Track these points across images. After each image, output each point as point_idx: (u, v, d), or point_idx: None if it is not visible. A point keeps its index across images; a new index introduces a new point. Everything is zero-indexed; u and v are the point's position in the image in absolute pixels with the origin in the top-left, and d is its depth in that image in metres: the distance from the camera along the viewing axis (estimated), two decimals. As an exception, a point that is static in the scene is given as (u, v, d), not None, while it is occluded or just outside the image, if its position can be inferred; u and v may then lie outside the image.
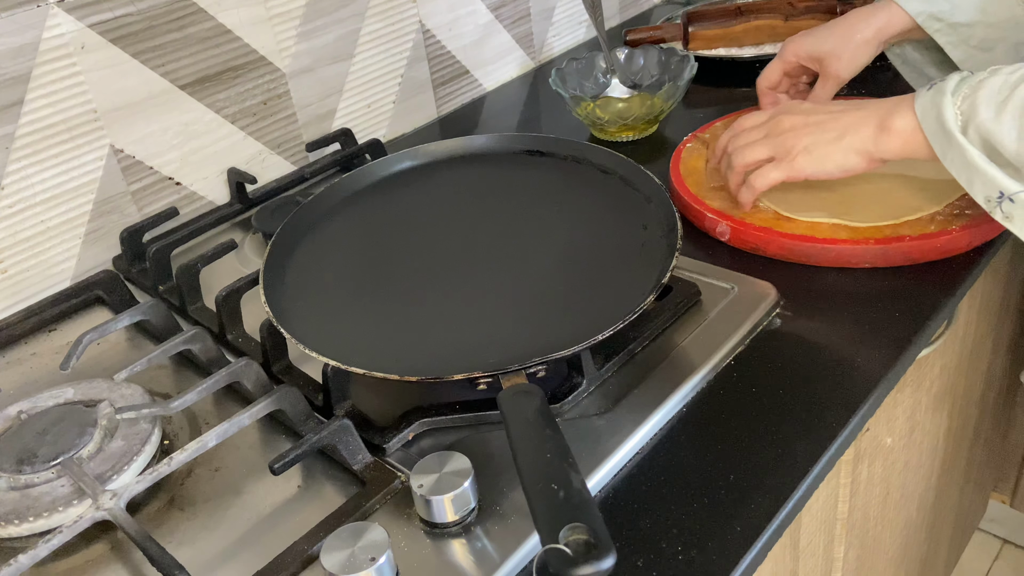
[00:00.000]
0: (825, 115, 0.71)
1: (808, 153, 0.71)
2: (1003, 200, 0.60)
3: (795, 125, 0.73)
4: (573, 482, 0.47)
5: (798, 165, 0.71)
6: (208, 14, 0.89)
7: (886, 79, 1.10)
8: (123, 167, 0.87)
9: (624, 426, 0.60)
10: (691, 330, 0.68)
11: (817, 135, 0.71)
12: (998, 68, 0.61)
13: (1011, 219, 0.60)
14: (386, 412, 0.63)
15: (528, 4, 1.24)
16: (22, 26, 0.77)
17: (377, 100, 1.09)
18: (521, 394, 0.54)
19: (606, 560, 0.42)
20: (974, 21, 0.70)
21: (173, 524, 0.57)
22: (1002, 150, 0.59)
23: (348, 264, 0.73)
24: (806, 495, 0.56)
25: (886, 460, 0.81)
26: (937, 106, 0.62)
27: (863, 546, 0.85)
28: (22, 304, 0.82)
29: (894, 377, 0.65)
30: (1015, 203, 0.59)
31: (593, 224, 0.73)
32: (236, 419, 0.59)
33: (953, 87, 0.62)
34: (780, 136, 0.73)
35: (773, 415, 0.61)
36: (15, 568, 0.51)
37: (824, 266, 0.75)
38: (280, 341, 0.68)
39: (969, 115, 0.60)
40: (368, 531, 0.50)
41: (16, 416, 0.64)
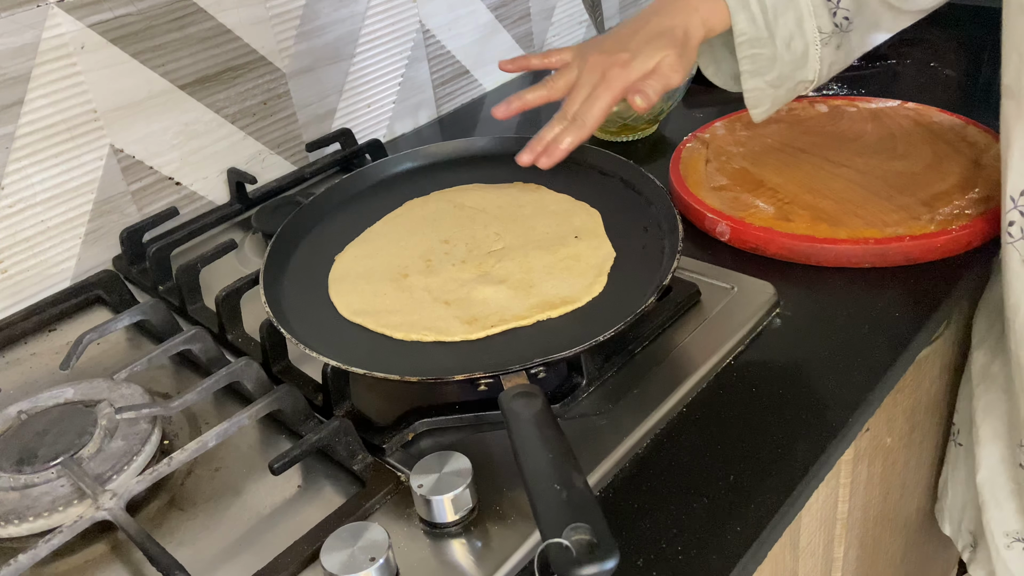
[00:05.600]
0: (630, 30, 0.69)
1: (635, 52, 0.67)
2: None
3: (608, 42, 0.70)
4: (575, 482, 0.47)
5: (631, 68, 0.67)
6: (208, 14, 0.89)
7: (886, 79, 1.10)
8: (123, 167, 0.87)
9: (624, 426, 0.60)
10: (691, 330, 0.68)
11: (632, 41, 0.68)
12: None
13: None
14: (386, 412, 0.63)
15: (528, 4, 1.24)
16: (22, 26, 0.77)
17: (377, 100, 1.09)
18: (523, 394, 0.54)
19: (609, 560, 0.42)
20: (777, 56, 0.71)
21: (173, 524, 0.57)
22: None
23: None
24: (806, 495, 0.56)
25: (886, 460, 0.81)
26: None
27: (863, 546, 0.85)
28: (22, 304, 0.82)
29: (894, 377, 0.65)
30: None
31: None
32: (236, 419, 0.59)
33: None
34: (599, 57, 0.69)
35: (773, 415, 0.61)
36: (15, 568, 0.51)
37: (824, 266, 0.75)
38: (280, 341, 0.68)
39: None
40: (368, 531, 0.50)
41: (16, 416, 0.64)
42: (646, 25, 0.68)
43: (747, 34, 0.70)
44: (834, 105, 0.97)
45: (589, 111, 0.67)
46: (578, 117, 0.68)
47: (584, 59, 0.70)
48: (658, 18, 0.69)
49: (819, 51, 0.72)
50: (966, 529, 0.84)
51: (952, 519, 0.87)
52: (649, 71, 0.66)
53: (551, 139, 0.69)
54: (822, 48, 0.72)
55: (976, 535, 0.82)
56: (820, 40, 0.71)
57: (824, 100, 0.99)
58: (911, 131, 0.90)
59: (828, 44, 0.72)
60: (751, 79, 0.72)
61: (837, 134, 0.92)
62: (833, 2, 0.71)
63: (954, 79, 1.07)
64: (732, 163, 0.89)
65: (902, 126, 0.91)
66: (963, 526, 0.84)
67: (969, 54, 1.13)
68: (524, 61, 0.75)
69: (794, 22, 0.70)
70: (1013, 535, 0.74)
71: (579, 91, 0.68)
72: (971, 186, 0.79)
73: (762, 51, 0.71)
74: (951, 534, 0.87)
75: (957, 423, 0.86)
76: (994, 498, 0.75)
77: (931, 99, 0.95)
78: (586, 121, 0.67)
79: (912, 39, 1.19)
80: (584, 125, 0.67)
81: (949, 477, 0.87)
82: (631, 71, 0.66)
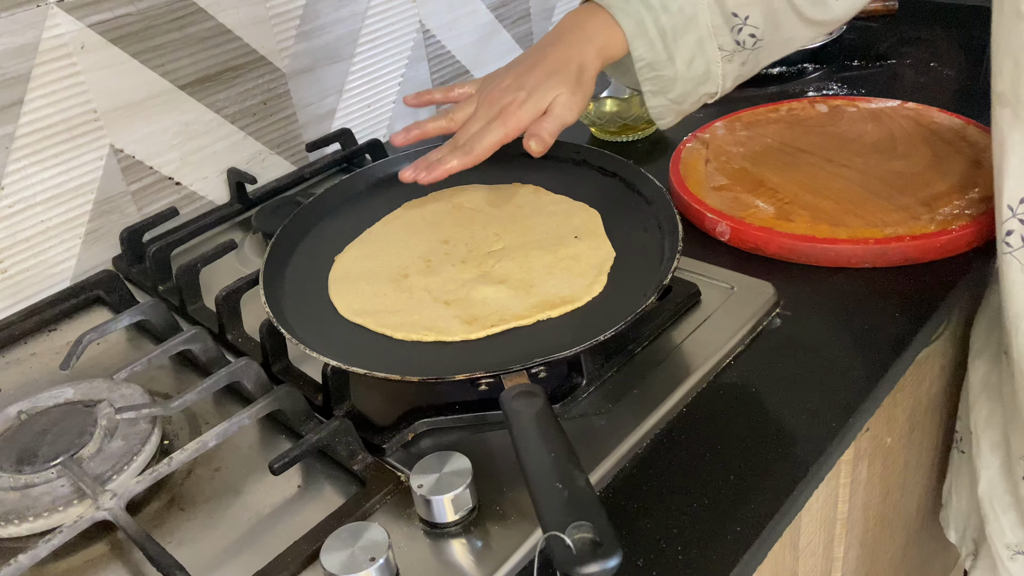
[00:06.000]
0: (527, 65, 0.69)
1: (530, 92, 0.67)
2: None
3: (507, 78, 0.69)
4: (578, 481, 0.47)
5: (524, 108, 0.67)
6: (208, 14, 0.89)
7: (886, 79, 1.10)
8: (123, 167, 0.87)
9: (624, 426, 0.60)
10: (691, 330, 0.68)
11: (528, 78, 0.68)
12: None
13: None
14: (386, 412, 0.63)
15: (528, 4, 1.24)
16: (22, 26, 0.77)
17: (377, 100, 1.09)
18: (524, 394, 0.54)
19: (612, 559, 0.42)
20: (678, 76, 0.71)
21: (173, 524, 0.57)
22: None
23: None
24: (806, 495, 0.56)
25: (886, 460, 0.81)
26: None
27: (863, 546, 0.85)
28: (22, 304, 0.82)
29: (894, 377, 0.65)
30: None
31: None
32: (236, 419, 0.59)
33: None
34: (497, 94, 0.69)
35: (773, 415, 0.61)
36: (15, 568, 0.51)
37: (824, 266, 0.75)
38: (280, 341, 0.68)
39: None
40: (368, 531, 0.50)
41: (16, 416, 0.64)
42: (543, 60, 0.69)
43: (646, 59, 0.70)
44: (834, 105, 0.97)
45: (479, 142, 0.67)
46: (467, 145, 0.68)
47: (482, 92, 0.71)
48: (554, 50, 0.69)
49: (721, 68, 0.72)
50: (970, 537, 0.84)
51: (957, 527, 0.87)
52: (543, 111, 0.67)
53: (436, 159, 0.69)
54: (724, 65, 0.72)
55: (978, 543, 0.82)
56: (722, 58, 0.72)
57: (824, 100, 0.99)
58: (911, 131, 0.90)
59: (731, 61, 0.72)
60: (653, 98, 0.73)
61: (837, 134, 0.92)
62: (739, 19, 0.71)
63: (954, 79, 1.07)
64: (732, 163, 0.89)
65: (902, 126, 0.91)
66: (967, 534, 0.84)
67: (969, 54, 1.13)
68: (427, 96, 0.76)
69: (695, 43, 0.70)
70: (1014, 547, 0.74)
71: (473, 123, 0.69)
72: (971, 186, 0.79)
73: (663, 72, 0.71)
74: (956, 542, 0.87)
75: (959, 431, 0.86)
76: (993, 510, 0.75)
77: (931, 99, 0.95)
78: (474, 148, 0.67)
79: (912, 39, 1.19)
80: (471, 152, 0.67)
81: (953, 485, 0.87)
82: (524, 112, 0.67)
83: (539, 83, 0.67)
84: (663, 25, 0.69)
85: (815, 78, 1.12)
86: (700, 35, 0.70)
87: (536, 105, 0.67)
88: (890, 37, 1.21)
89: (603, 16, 0.70)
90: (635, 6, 0.69)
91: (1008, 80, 0.62)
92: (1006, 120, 0.63)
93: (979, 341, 0.80)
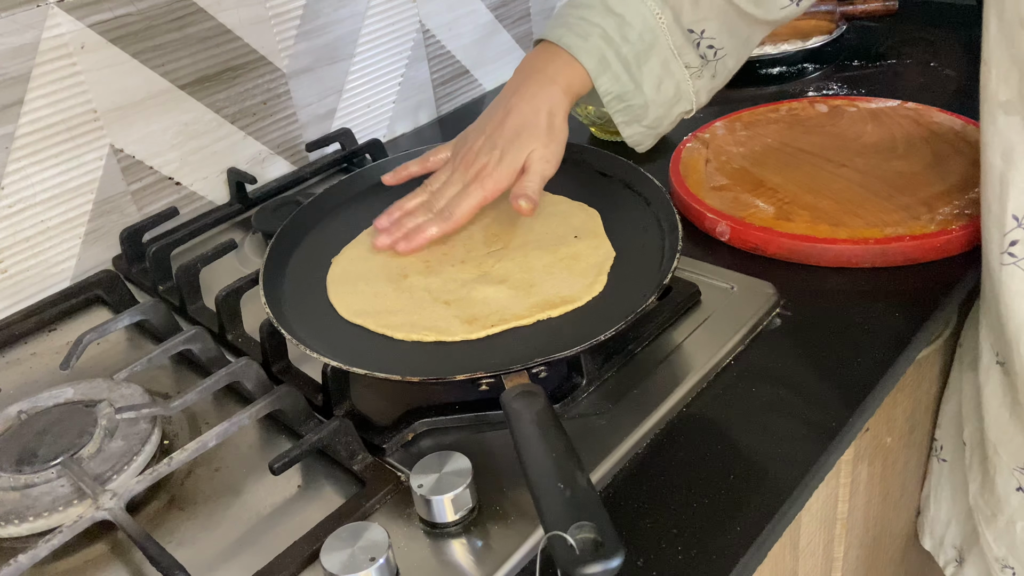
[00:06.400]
0: (496, 120, 0.69)
1: (504, 151, 0.67)
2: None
3: (478, 139, 0.69)
4: (579, 481, 0.47)
5: (500, 169, 0.67)
6: (208, 14, 0.89)
7: (886, 79, 1.10)
8: (123, 167, 0.87)
9: (624, 426, 0.60)
10: (691, 330, 0.68)
11: (499, 135, 0.68)
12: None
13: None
14: (386, 412, 0.63)
15: (528, 4, 1.24)
16: (22, 26, 0.77)
17: (377, 100, 1.09)
18: (524, 394, 0.54)
19: (614, 559, 0.42)
20: (649, 101, 0.71)
21: (173, 524, 0.57)
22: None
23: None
24: (806, 495, 0.56)
25: (886, 460, 0.81)
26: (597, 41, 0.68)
27: (863, 546, 0.85)
28: (22, 304, 0.82)
29: (894, 377, 0.65)
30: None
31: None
32: (236, 419, 0.59)
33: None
34: (471, 156, 0.69)
35: (773, 415, 0.61)
36: (15, 568, 0.51)
37: (824, 266, 0.75)
38: (280, 341, 0.68)
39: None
40: (368, 531, 0.50)
41: (16, 416, 0.64)
42: (509, 114, 0.68)
43: (613, 92, 0.70)
44: (834, 105, 0.97)
45: (459, 206, 0.67)
46: (446, 210, 0.68)
47: (455, 156, 0.71)
48: (519, 100, 0.68)
49: (692, 85, 0.72)
50: (950, 544, 0.84)
51: (934, 533, 0.86)
52: (519, 169, 0.67)
53: (413, 227, 0.69)
54: (695, 81, 0.72)
55: (962, 551, 0.81)
56: (691, 75, 0.71)
57: (824, 100, 0.99)
58: (911, 131, 0.90)
59: (701, 76, 0.72)
60: (628, 127, 0.72)
61: (837, 134, 0.92)
62: (696, 34, 0.71)
63: (954, 79, 1.07)
64: (732, 163, 0.89)
65: (902, 126, 0.91)
66: (946, 541, 0.84)
67: (969, 54, 1.13)
68: (405, 172, 0.75)
69: (660, 66, 0.70)
70: (1001, 561, 0.74)
71: (450, 187, 0.69)
72: (971, 186, 0.79)
73: (633, 102, 0.70)
74: (931, 548, 0.87)
75: (939, 439, 0.85)
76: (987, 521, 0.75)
77: (931, 99, 0.95)
78: (454, 214, 0.67)
79: (912, 39, 1.19)
80: (450, 218, 0.68)
81: (932, 493, 0.87)
82: (500, 173, 0.67)
83: (510, 141, 0.67)
84: (625, 55, 0.69)
85: (815, 78, 1.12)
86: (663, 57, 0.70)
87: (511, 165, 0.67)
88: (890, 37, 1.21)
89: (563, 56, 0.69)
90: (594, 42, 0.69)
91: (1015, 89, 0.60)
92: (1013, 128, 0.61)
93: (970, 350, 0.79)
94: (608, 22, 0.69)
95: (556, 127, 0.68)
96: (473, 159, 0.68)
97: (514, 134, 0.67)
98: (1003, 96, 0.62)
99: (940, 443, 0.85)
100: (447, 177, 0.70)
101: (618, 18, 0.69)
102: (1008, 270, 0.64)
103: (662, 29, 0.69)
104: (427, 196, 0.71)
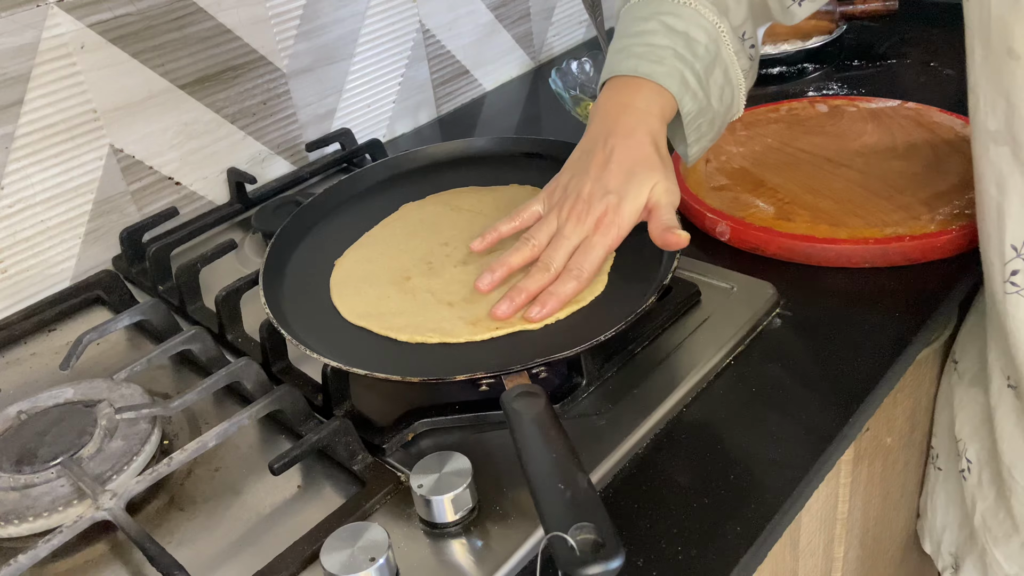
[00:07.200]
0: (598, 162, 0.64)
1: (621, 192, 0.62)
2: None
3: (584, 184, 0.64)
4: (580, 482, 0.47)
5: (623, 212, 0.62)
6: (208, 14, 0.89)
7: (886, 79, 1.10)
8: (123, 167, 0.87)
9: (624, 426, 0.60)
10: (691, 330, 0.68)
11: (610, 177, 0.63)
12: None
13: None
14: (386, 412, 0.63)
15: (528, 4, 1.24)
16: (22, 26, 0.77)
17: (377, 100, 1.09)
18: (525, 394, 0.54)
19: (615, 560, 0.42)
20: (715, 114, 0.69)
21: (173, 524, 0.57)
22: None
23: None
24: (806, 495, 0.56)
25: (886, 460, 0.81)
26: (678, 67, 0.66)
27: (863, 546, 0.85)
28: (22, 304, 0.82)
29: (894, 377, 0.65)
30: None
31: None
32: (236, 419, 0.59)
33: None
34: (581, 204, 0.63)
35: (773, 415, 0.61)
36: (15, 568, 0.51)
37: (824, 266, 0.75)
38: (280, 341, 0.68)
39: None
40: (368, 531, 0.50)
41: (16, 416, 0.64)
42: (613, 153, 0.63)
43: (693, 111, 0.67)
44: (834, 105, 0.97)
45: (586, 260, 0.62)
46: (573, 267, 0.62)
47: (561, 207, 0.65)
48: (619, 139, 0.64)
49: (743, 88, 0.71)
50: (947, 551, 0.84)
51: (932, 539, 0.87)
52: (642, 208, 0.63)
53: (536, 289, 0.63)
54: (744, 83, 0.71)
55: (958, 558, 0.81)
56: (743, 77, 0.71)
57: (824, 100, 0.99)
58: (911, 131, 0.90)
59: (748, 77, 0.72)
60: (697, 144, 0.70)
61: (837, 134, 0.92)
62: (747, 40, 0.70)
63: (954, 79, 1.07)
64: (732, 163, 0.89)
65: (902, 126, 0.91)
66: (943, 548, 0.84)
67: (969, 54, 1.13)
68: (494, 234, 0.68)
69: (722, 76, 0.69)
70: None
71: (563, 240, 0.63)
72: (971, 186, 0.79)
73: (704, 118, 0.69)
74: (931, 552, 0.87)
75: (936, 447, 0.85)
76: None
77: (931, 99, 0.95)
78: (584, 269, 0.62)
79: (912, 39, 1.19)
80: (582, 275, 0.62)
81: (929, 500, 0.87)
82: (623, 217, 0.62)
83: (625, 182, 0.62)
84: (698, 71, 0.67)
85: (815, 78, 1.12)
86: (724, 66, 0.69)
87: (634, 205, 0.62)
88: (890, 37, 1.21)
89: (647, 86, 0.66)
90: (671, 64, 0.66)
91: (1002, 119, 0.59)
92: (1003, 159, 0.61)
93: (971, 369, 0.77)
94: (676, 41, 0.67)
95: (664, 155, 0.65)
96: (586, 208, 0.63)
97: (627, 174, 0.63)
98: (992, 126, 0.61)
99: (936, 451, 0.85)
100: (554, 229, 0.64)
101: (683, 36, 0.67)
102: (1012, 299, 0.63)
103: (723, 38, 0.68)
104: (530, 250, 0.64)
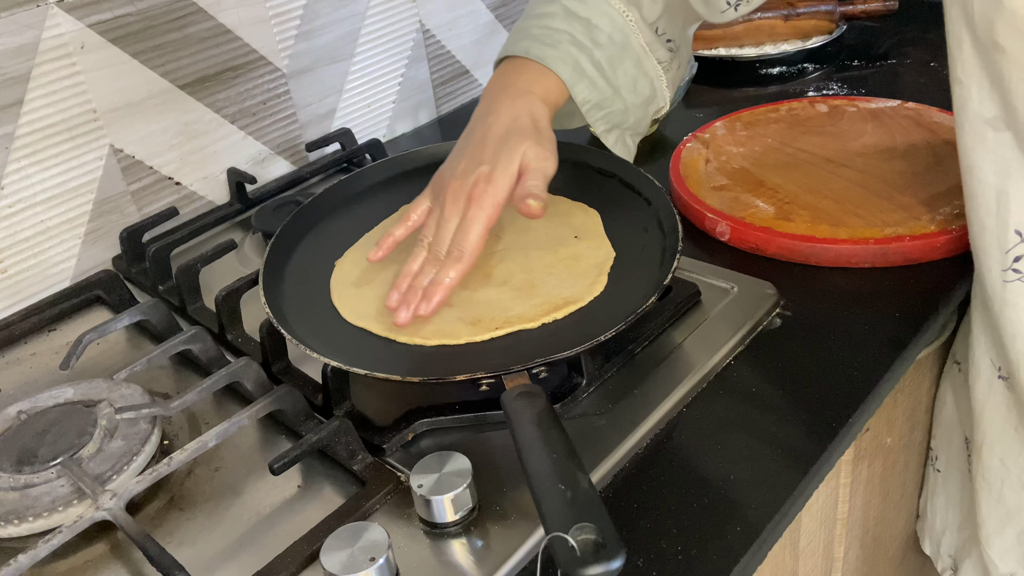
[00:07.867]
0: (476, 141, 0.64)
1: (492, 162, 0.61)
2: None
3: (459, 164, 0.63)
4: (580, 482, 0.47)
5: (495, 180, 0.61)
6: (208, 14, 0.89)
7: (886, 79, 1.10)
8: (123, 167, 0.87)
9: (624, 426, 0.60)
10: (691, 330, 0.68)
11: (483, 151, 0.63)
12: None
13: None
14: (386, 412, 0.63)
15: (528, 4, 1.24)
16: (22, 26, 0.77)
17: (377, 100, 1.09)
18: (525, 394, 0.54)
19: (616, 560, 0.42)
20: (628, 105, 0.68)
21: (173, 524, 0.57)
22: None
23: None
24: (806, 495, 0.56)
25: (886, 460, 0.81)
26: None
27: (863, 546, 0.85)
28: (22, 304, 0.82)
29: (894, 377, 0.65)
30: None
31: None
32: (236, 419, 0.59)
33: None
34: (456, 184, 0.63)
35: (773, 415, 0.61)
36: (15, 568, 0.51)
37: (824, 266, 0.75)
38: (280, 341, 0.68)
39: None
40: (368, 531, 0.50)
41: (16, 416, 0.64)
42: (489, 130, 0.63)
43: (592, 100, 0.66)
44: (834, 105, 0.97)
45: (466, 239, 0.61)
46: (454, 250, 0.62)
47: (441, 191, 0.64)
48: (495, 116, 0.63)
49: (663, 80, 0.70)
50: (946, 553, 0.84)
51: (932, 540, 0.87)
52: (515, 174, 0.61)
53: (424, 284, 0.62)
54: (665, 76, 0.70)
55: (956, 560, 0.81)
56: (662, 70, 0.70)
57: (824, 100, 0.99)
58: (911, 131, 0.90)
59: (668, 70, 0.71)
60: (610, 135, 0.69)
61: (837, 134, 0.92)
62: (661, 33, 0.69)
63: (954, 79, 1.06)
64: (732, 163, 0.89)
65: (902, 126, 0.91)
66: (942, 550, 0.84)
67: (969, 54, 1.13)
68: (389, 239, 0.67)
69: (633, 67, 0.68)
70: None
71: (445, 226, 0.62)
72: (971, 186, 0.79)
73: (612, 107, 0.68)
74: (930, 554, 0.87)
75: (935, 449, 0.85)
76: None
77: (931, 99, 0.95)
78: (464, 249, 0.61)
79: (912, 39, 1.19)
80: (463, 255, 0.61)
81: (928, 502, 0.87)
82: (496, 185, 0.61)
83: (497, 150, 0.62)
84: (598, 60, 0.66)
85: (815, 78, 1.12)
86: (636, 57, 0.68)
87: (505, 172, 0.61)
88: (890, 37, 1.21)
89: (533, 68, 0.65)
90: (565, 49, 0.65)
91: (999, 106, 0.59)
92: (1006, 144, 0.60)
93: (976, 367, 0.77)
94: (574, 27, 0.66)
95: (543, 129, 0.64)
96: (460, 186, 0.62)
97: (501, 141, 0.62)
98: (989, 113, 0.61)
99: (935, 452, 0.85)
100: (437, 218, 0.64)
101: (584, 22, 0.66)
102: (1013, 287, 0.62)
103: (631, 28, 0.67)
104: (425, 249, 0.64)
